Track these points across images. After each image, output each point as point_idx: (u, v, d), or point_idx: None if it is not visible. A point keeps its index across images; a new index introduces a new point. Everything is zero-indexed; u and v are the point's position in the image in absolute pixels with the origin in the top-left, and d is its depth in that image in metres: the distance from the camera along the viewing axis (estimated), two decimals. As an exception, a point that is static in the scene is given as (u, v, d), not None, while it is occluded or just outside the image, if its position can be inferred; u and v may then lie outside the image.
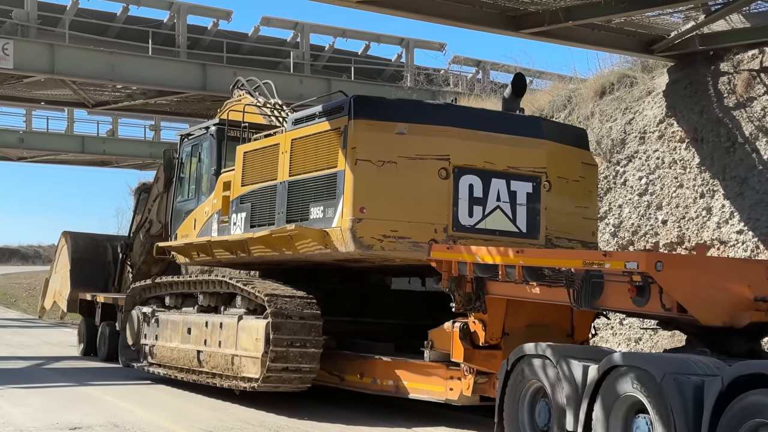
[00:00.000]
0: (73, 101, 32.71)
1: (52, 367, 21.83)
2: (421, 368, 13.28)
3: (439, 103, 13.91)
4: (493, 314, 12.04)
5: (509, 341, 12.21)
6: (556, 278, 10.50)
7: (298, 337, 13.76)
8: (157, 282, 17.80)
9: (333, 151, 13.41)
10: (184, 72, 28.21)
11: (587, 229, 14.23)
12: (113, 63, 26.57)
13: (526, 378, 10.40)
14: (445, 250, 12.09)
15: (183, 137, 18.46)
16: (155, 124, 43.42)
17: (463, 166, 13.22)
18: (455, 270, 11.90)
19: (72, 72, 26.38)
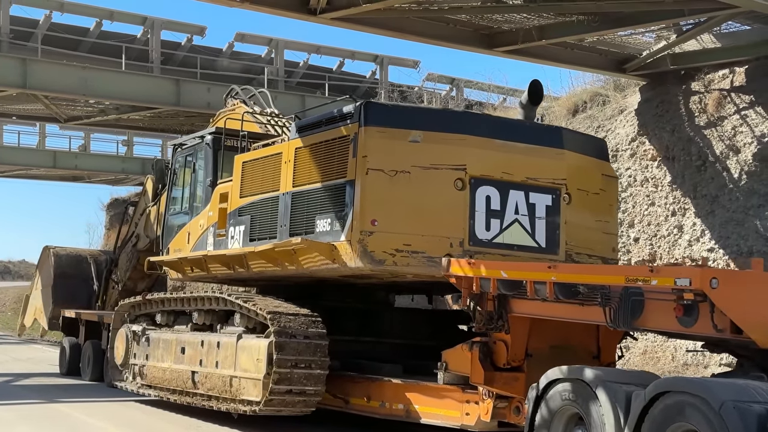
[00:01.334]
0: (45, 116, 32.48)
1: (22, 384, 21.53)
2: (435, 391, 12.48)
3: (455, 110, 13.13)
4: (516, 334, 11.28)
5: (532, 363, 11.47)
6: (591, 296, 9.76)
7: (303, 358, 12.95)
8: (147, 298, 16.93)
9: (342, 160, 12.66)
10: (157, 87, 27.88)
11: (608, 244, 13.53)
12: (86, 78, 26.19)
13: (559, 404, 9.63)
14: (466, 265, 11.31)
15: (176, 147, 17.63)
16: (128, 139, 43.17)
17: (480, 176, 12.49)
18: (477, 287, 11.13)
19: (44, 86, 26.04)
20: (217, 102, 26.14)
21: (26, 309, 27.04)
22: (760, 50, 18.18)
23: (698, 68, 19.46)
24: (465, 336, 16.00)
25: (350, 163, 12.46)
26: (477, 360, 11.46)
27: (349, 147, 12.52)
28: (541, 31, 18.93)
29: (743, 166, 17.61)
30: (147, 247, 21.30)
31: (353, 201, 12.36)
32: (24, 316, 27.22)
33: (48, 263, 25.04)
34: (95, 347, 21.45)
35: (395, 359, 14.59)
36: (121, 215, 26.27)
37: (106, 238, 43.08)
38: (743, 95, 18.43)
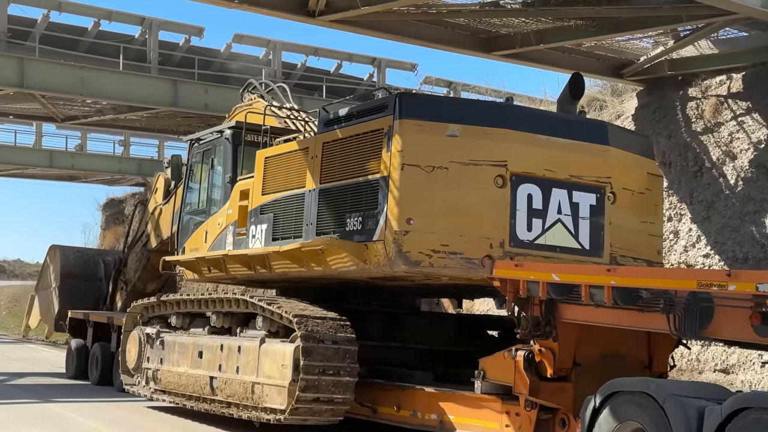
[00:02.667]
0: (42, 115, 32.34)
1: (16, 384, 21.12)
2: (472, 401, 11.73)
3: (495, 102, 12.37)
4: (565, 342, 10.53)
5: (581, 373, 10.75)
6: (653, 302, 9.02)
7: (331, 364, 12.21)
8: (162, 300, 16.16)
9: (375, 155, 11.92)
10: (155, 88, 27.65)
11: (653, 247, 12.81)
12: (83, 77, 25.90)
13: (620, 418, 8.88)
14: (512, 267, 10.57)
15: (193, 142, 16.89)
16: (125, 139, 42.77)
17: (522, 173, 11.76)
18: (523, 290, 10.38)
19: (41, 86, 25.78)
20: (215, 103, 27.23)
21: (31, 309, 26.34)
22: (757, 57, 18.23)
23: (695, 74, 19.64)
24: (496, 342, 15.37)
25: (384, 158, 11.73)
26: (521, 369, 10.72)
27: (382, 141, 11.79)
28: (539, 35, 19.18)
29: (740, 172, 17.64)
30: (158, 247, 20.58)
31: (387, 198, 11.62)
32: (29, 316, 26.52)
33: (55, 263, 24.34)
34: (104, 350, 20.74)
35: (423, 366, 13.93)
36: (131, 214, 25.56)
37: (102, 238, 43.25)
38: (740, 101, 18.50)
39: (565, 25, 18.47)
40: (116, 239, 39.97)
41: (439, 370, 13.65)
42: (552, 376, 10.66)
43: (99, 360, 20.76)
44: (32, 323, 26.40)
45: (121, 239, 39.62)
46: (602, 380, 10.46)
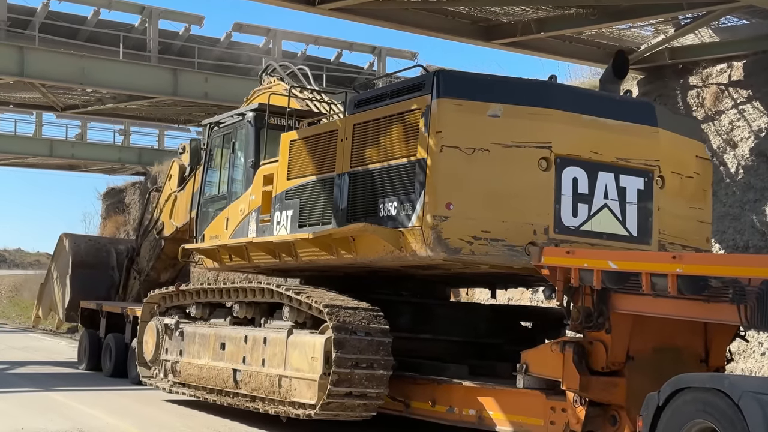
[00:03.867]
0: (42, 104, 32.43)
1: (17, 372, 20.99)
2: (513, 396, 11.09)
3: (538, 80, 11.69)
4: (618, 334, 9.91)
5: (634, 367, 10.12)
6: (722, 291, 8.37)
7: (365, 357, 11.58)
8: (181, 289, 15.54)
9: (411, 136, 11.26)
10: (155, 77, 27.69)
11: (702, 234, 12.16)
12: (83, 66, 25.96)
13: (688, 416, 8.23)
14: (564, 255, 9.92)
15: (212, 126, 16.20)
16: (125, 128, 43.00)
17: (567, 156, 11.09)
18: (575, 279, 9.73)
19: (42, 75, 25.83)
20: (215, 92, 27.49)
21: (41, 300, 25.69)
22: (758, 45, 18.08)
23: (696, 62, 19.55)
24: (528, 333, 14.76)
25: (421, 139, 11.06)
26: (571, 363, 10.09)
27: (419, 121, 11.12)
28: (539, 23, 19.14)
29: (740, 160, 17.48)
30: (173, 235, 19.94)
31: (425, 182, 10.95)
32: (39, 307, 25.88)
33: (65, 252, 23.74)
34: (117, 341, 20.15)
35: (454, 358, 13.38)
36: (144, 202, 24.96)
37: (102, 227, 42.92)
38: (741, 90, 18.33)
39: (566, 14, 18.38)
40: (116, 228, 39.87)
41: (473, 363, 13.05)
42: (604, 370, 10.05)
43: (113, 352, 20.19)
44: (42, 313, 25.75)
45: (122, 228, 39.58)
46: (657, 375, 9.88)
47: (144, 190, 39.54)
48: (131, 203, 41.29)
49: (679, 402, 8.25)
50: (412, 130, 11.24)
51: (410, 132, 11.26)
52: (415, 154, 11.14)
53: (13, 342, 29.26)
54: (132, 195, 41.70)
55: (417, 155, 11.10)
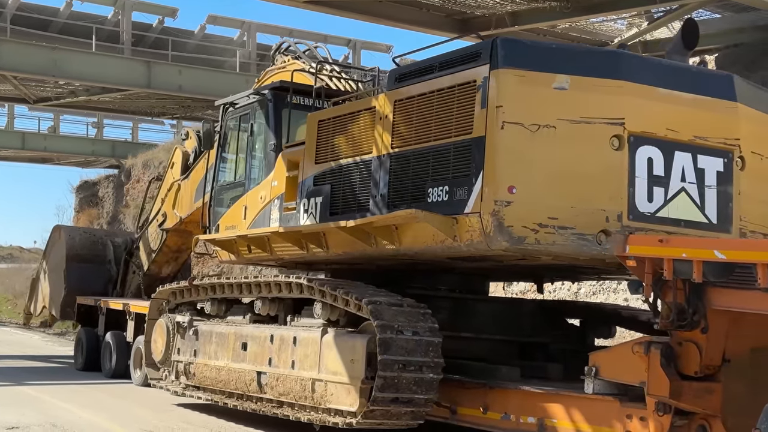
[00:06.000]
0: (14, 97, 32.72)
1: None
2: (581, 402, 10.04)
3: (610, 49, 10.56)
4: (715, 334, 8.81)
5: (731, 371, 9.02)
6: None
7: (413, 359, 10.46)
8: (195, 284, 14.37)
9: (465, 112, 10.11)
10: (128, 69, 28.02)
11: (785, 221, 11.04)
12: (56, 59, 26.29)
13: (820, 430, 7.11)
14: (656, 243, 8.80)
15: (226, 106, 15.03)
16: (98, 121, 43.44)
17: (641, 134, 9.96)
18: (668, 271, 8.60)
19: (13, 67, 26.08)
20: (189, 85, 27.91)
21: (33, 295, 24.48)
22: (730, 38, 18.28)
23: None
24: (577, 331, 13.70)
25: (478, 115, 9.91)
26: (658, 366, 9.02)
27: (475, 95, 9.97)
28: (513, 17, 19.60)
29: None
30: (176, 227, 18.89)
31: (483, 163, 9.79)
32: (31, 302, 24.72)
33: (59, 244, 22.66)
34: (118, 339, 19.02)
35: (498, 359, 12.28)
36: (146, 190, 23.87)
37: (76, 220, 42.39)
38: None
39: (540, 7, 18.82)
40: (90, 221, 39.34)
41: (521, 364, 11.96)
42: (696, 375, 8.96)
43: (113, 351, 19.06)
44: (35, 310, 24.53)
45: (95, 221, 38.96)
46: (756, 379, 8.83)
47: (118, 183, 39.29)
48: (105, 196, 40.96)
49: (810, 414, 7.13)
50: (466, 105, 10.09)
51: (465, 107, 10.11)
52: (471, 132, 9.98)
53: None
54: (106, 188, 41.41)
55: (473, 133, 9.94)
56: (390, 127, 11.14)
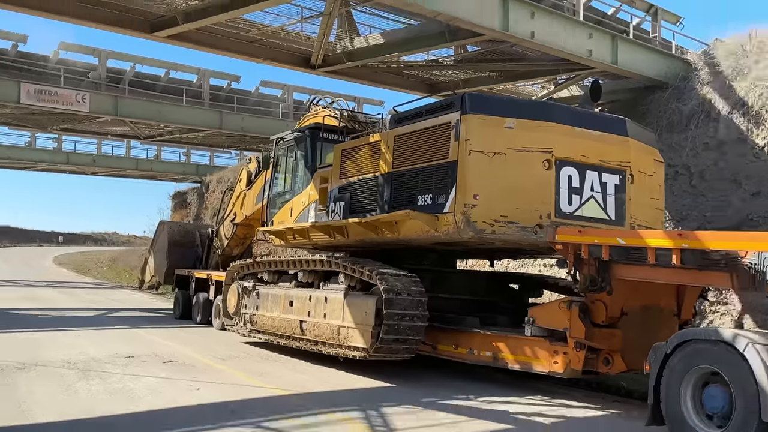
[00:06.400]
0: (130, 135, 33.06)
1: (113, 316, 20.18)
2: (522, 342, 9.79)
3: (541, 101, 10.30)
4: (616, 295, 8.57)
5: (626, 321, 8.79)
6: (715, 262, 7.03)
7: (408, 312, 10.24)
8: (257, 261, 14.07)
9: (444, 143, 9.86)
10: (207, 116, 28.08)
11: (658, 218, 10.84)
12: (159, 109, 26.47)
13: (691, 362, 6.89)
14: (576, 233, 8.56)
15: (278, 140, 14.68)
16: (186, 151, 43.19)
17: (564, 158, 9.75)
18: (585, 253, 8.38)
19: (130, 115, 26.01)
20: (249, 127, 28.30)
21: (145, 268, 24.10)
22: (611, 96, 18.07)
23: None
24: (516, 293, 13.38)
25: (452, 146, 9.68)
26: (577, 317, 8.80)
27: (451, 132, 9.74)
28: (465, 82, 19.48)
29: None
30: (242, 222, 18.44)
31: (456, 179, 9.57)
32: (144, 273, 24.31)
33: (163, 234, 22.14)
34: (204, 298, 18.60)
35: (464, 312, 11.91)
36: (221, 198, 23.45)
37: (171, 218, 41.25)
38: None
39: (483, 75, 18.99)
40: (181, 219, 38.46)
41: (480, 315, 11.65)
42: (603, 323, 8.73)
43: (200, 306, 18.64)
44: (146, 278, 24.20)
45: (184, 219, 38.22)
46: (643, 327, 8.58)
47: (200, 193, 39.04)
48: (191, 202, 40.23)
49: (687, 350, 6.93)
50: (444, 138, 9.84)
51: (443, 140, 9.87)
52: (447, 157, 9.75)
53: (111, 296, 28.18)
54: (191, 196, 40.66)
55: (449, 158, 9.71)
56: (391, 154, 10.87)
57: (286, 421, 7.90)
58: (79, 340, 14.14)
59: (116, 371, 10.60)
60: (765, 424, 6.19)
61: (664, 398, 7.02)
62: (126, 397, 8.88)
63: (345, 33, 17.11)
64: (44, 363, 11.13)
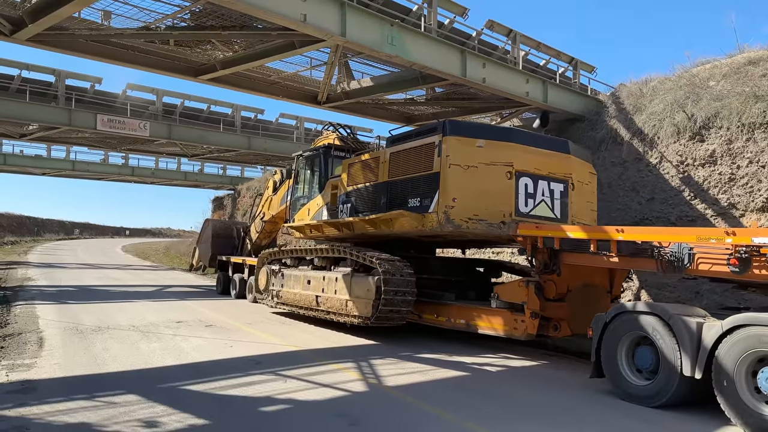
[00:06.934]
0: (180, 153, 32.64)
1: (167, 291, 19.51)
2: (489, 312, 9.52)
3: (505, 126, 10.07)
4: (564, 276, 8.33)
5: (571, 296, 8.55)
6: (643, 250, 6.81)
7: (401, 289, 9.95)
8: (282, 249, 13.73)
9: (429, 159, 9.59)
10: (238, 140, 27.53)
11: (592, 218, 10.58)
12: (202, 134, 26.13)
13: (625, 329, 6.67)
14: (534, 228, 8.31)
15: (299, 156, 14.38)
16: (223, 166, 42.50)
17: (522, 171, 9.50)
18: (540, 243, 8.15)
19: (179, 138, 25.52)
20: (271, 148, 27.91)
21: (194, 255, 23.65)
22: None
23: None
24: (481, 275, 13.11)
25: (436, 160, 9.43)
26: (533, 293, 8.53)
27: (434, 150, 9.47)
28: (434, 115, 19.03)
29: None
30: (270, 219, 18.08)
31: (439, 186, 9.31)
32: (193, 259, 23.83)
33: (207, 228, 21.71)
34: (240, 278, 18.21)
35: (442, 289, 11.62)
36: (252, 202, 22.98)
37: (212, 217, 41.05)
38: None
39: (447, 110, 18.69)
40: (219, 217, 37.74)
41: (454, 292, 11.39)
42: (554, 298, 8.49)
43: (237, 284, 18.24)
44: (195, 262, 23.74)
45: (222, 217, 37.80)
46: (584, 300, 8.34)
47: (233, 198, 38.42)
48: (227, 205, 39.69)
49: (622, 319, 6.71)
50: (430, 155, 9.59)
51: (429, 156, 9.61)
52: (432, 169, 9.50)
53: (165, 275, 27.71)
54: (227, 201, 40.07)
55: (433, 170, 9.46)
56: (388, 167, 10.61)
57: (298, 369, 7.91)
58: (140, 308, 13.87)
59: (168, 332, 10.40)
60: (684, 376, 5.98)
61: (604, 357, 6.80)
62: (176, 352, 8.75)
63: (343, 77, 17.32)
64: (114, 327, 10.92)
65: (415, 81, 15.86)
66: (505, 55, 15.64)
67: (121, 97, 25.94)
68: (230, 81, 16.47)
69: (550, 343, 10.02)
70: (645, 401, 6.32)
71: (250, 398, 6.47)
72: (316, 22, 10.94)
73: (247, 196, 34.53)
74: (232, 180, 42.07)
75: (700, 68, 14.21)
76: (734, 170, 11.42)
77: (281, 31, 12.08)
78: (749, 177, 11.14)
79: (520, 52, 15.57)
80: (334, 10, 11.27)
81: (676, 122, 12.67)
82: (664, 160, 12.87)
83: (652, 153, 13.39)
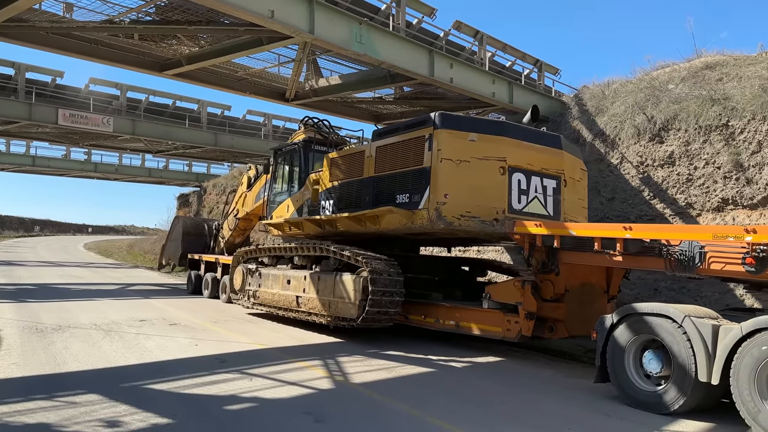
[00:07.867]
0: (145, 150, 32.24)
1: (131, 289, 19.09)
2: (480, 313, 9.16)
3: (497, 120, 9.69)
4: (562, 276, 7.99)
5: (569, 296, 8.22)
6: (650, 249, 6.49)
7: (388, 289, 9.50)
8: (259, 248, 13.12)
9: (419, 153, 9.15)
10: (205, 136, 27.27)
11: (584, 214, 10.31)
12: (167, 131, 25.76)
13: (633, 332, 6.36)
14: (533, 226, 7.94)
15: (276, 150, 13.78)
16: (189, 163, 42.10)
17: (515, 166, 9.15)
18: (539, 241, 7.78)
19: (144, 134, 25.13)
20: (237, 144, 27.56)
21: (163, 253, 22.69)
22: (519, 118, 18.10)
23: None
24: (466, 274, 12.76)
25: (426, 154, 8.99)
26: (529, 293, 8.18)
27: (425, 143, 9.04)
28: (402, 114, 18.81)
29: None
30: (243, 216, 17.39)
31: (429, 181, 8.88)
32: (162, 257, 22.85)
33: (178, 225, 20.87)
34: (212, 277, 17.49)
35: (428, 288, 11.21)
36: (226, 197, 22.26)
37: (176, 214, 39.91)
38: None
39: (415, 110, 18.58)
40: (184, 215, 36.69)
41: (441, 291, 10.99)
42: (551, 298, 8.15)
43: (209, 283, 17.52)
44: (164, 261, 22.77)
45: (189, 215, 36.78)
46: (581, 301, 8.01)
47: (199, 195, 37.71)
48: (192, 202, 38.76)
49: (630, 321, 6.38)
50: (420, 148, 9.15)
51: (419, 150, 9.17)
52: (422, 164, 9.06)
53: (128, 273, 26.90)
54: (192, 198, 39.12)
55: (424, 164, 9.03)
56: (374, 162, 10.13)
57: (265, 368, 7.67)
58: (103, 307, 13.36)
59: (132, 331, 9.96)
60: (699, 382, 5.68)
61: (610, 361, 6.47)
62: (140, 351, 8.38)
63: (312, 75, 17.19)
64: (76, 325, 10.41)
65: (383, 80, 15.75)
66: (472, 56, 15.73)
67: (84, 91, 25.06)
68: (196, 76, 15.98)
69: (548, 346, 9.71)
70: (655, 408, 6.01)
71: (215, 397, 6.19)
72: (283, 19, 10.56)
73: (213, 193, 33.66)
74: (197, 177, 41.28)
75: (660, 71, 14.27)
76: (691, 171, 11.52)
77: (248, 27, 11.66)
78: (705, 178, 11.28)
79: (487, 54, 15.81)
80: (302, 7, 10.94)
81: (636, 124, 12.69)
82: (625, 161, 12.88)
83: (613, 154, 13.37)
